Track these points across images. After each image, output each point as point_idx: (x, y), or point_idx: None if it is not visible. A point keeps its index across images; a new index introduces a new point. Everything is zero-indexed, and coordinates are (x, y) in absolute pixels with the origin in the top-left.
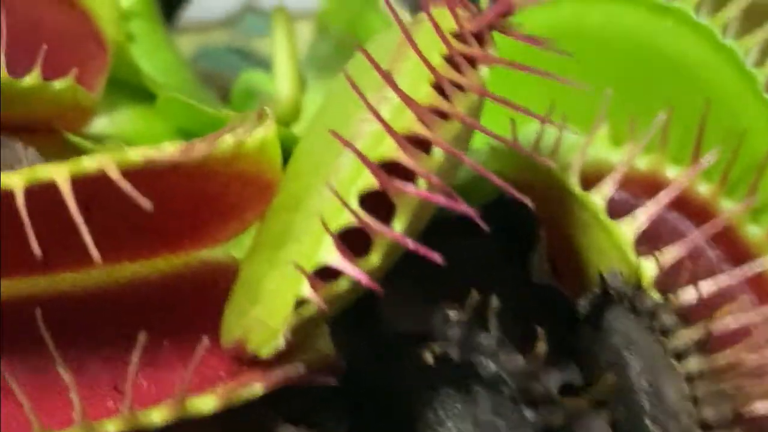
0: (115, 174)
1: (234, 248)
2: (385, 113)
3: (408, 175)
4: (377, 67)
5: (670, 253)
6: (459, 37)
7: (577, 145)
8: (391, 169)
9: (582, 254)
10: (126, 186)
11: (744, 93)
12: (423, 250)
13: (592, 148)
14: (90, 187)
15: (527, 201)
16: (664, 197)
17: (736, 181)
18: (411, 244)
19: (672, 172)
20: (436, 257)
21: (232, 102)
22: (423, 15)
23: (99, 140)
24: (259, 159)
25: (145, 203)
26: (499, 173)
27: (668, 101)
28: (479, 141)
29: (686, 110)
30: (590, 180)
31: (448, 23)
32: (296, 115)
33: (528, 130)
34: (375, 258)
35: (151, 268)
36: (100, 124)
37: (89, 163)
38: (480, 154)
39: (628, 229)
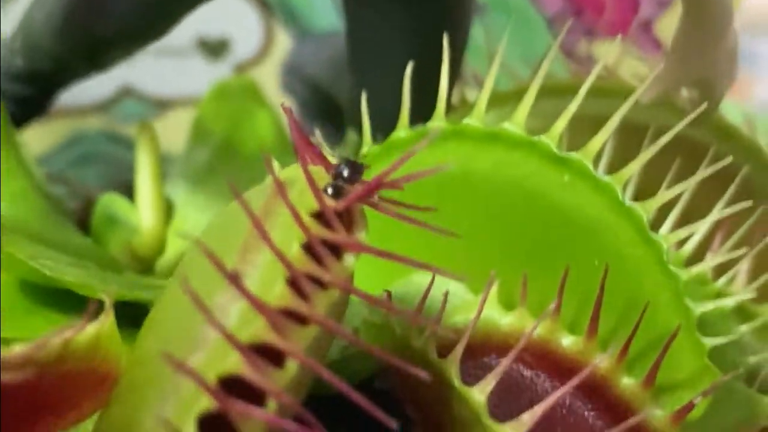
0: None
1: None
2: (233, 318)
3: None
4: (220, 268)
5: None
6: (321, 218)
7: (464, 307)
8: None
9: None
10: None
11: (647, 261)
12: None
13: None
14: None
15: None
16: (553, 398)
17: (636, 357)
18: None
19: (567, 342)
20: None
21: (92, 227)
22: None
23: None
24: (92, 355)
25: None
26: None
27: (564, 259)
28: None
29: (583, 271)
30: (475, 346)
31: (307, 202)
32: (159, 249)
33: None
34: None
35: None
36: None
37: None
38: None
39: None
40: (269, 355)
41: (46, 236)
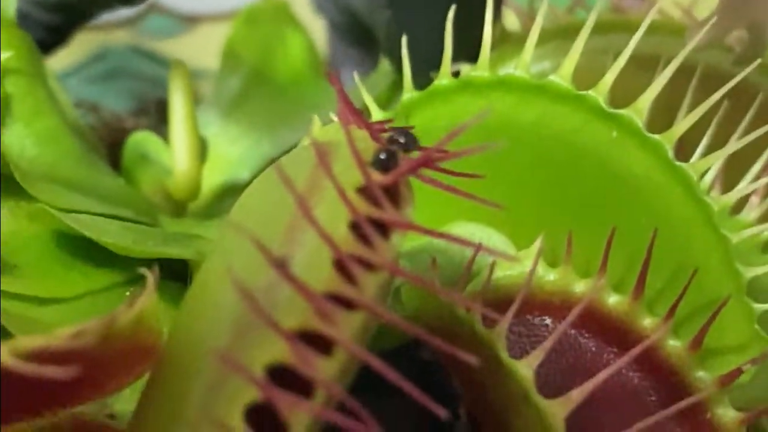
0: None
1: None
2: (279, 305)
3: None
4: (267, 255)
5: None
6: (367, 192)
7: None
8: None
9: (509, 427)
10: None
11: (696, 223)
12: None
13: (526, 263)
14: None
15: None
16: (604, 374)
17: (683, 320)
18: None
19: (612, 301)
20: None
21: (123, 165)
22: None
23: None
24: (134, 335)
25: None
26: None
27: (610, 218)
28: None
29: (629, 231)
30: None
31: (353, 176)
32: (194, 192)
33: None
34: None
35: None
36: None
37: None
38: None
39: (561, 410)
40: (317, 341)
41: (79, 180)
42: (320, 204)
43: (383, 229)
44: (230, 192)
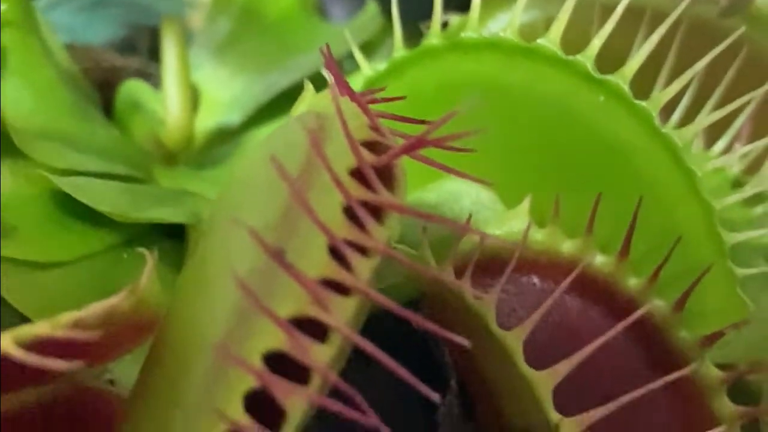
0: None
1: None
2: (275, 292)
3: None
4: (264, 245)
5: (595, 415)
6: (359, 175)
7: (496, 220)
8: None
9: (500, 401)
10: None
11: (681, 189)
12: None
13: (514, 222)
14: None
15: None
16: (591, 347)
17: (667, 282)
18: None
19: (598, 261)
20: None
21: (116, 113)
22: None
23: None
24: (134, 315)
25: None
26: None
27: (597, 181)
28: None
29: (616, 195)
30: (506, 261)
31: (346, 158)
32: (187, 143)
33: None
34: None
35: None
36: None
37: None
38: None
39: (548, 382)
40: (312, 327)
41: (75, 134)
42: (314, 187)
43: (377, 211)
44: (221, 136)
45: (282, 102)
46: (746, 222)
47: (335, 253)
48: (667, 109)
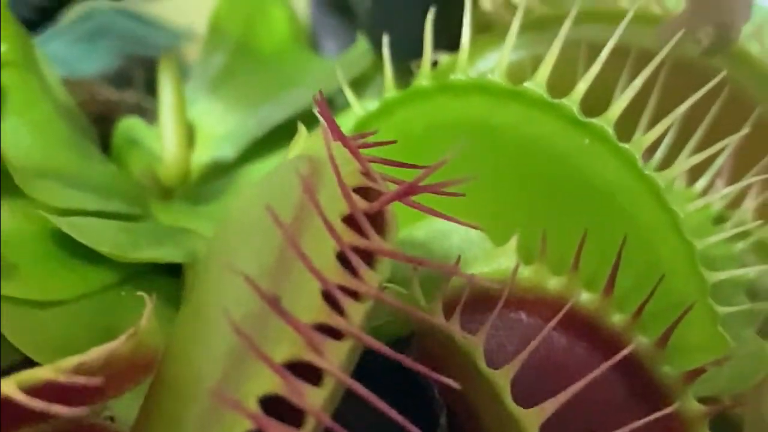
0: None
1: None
2: (270, 336)
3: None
4: (260, 293)
5: None
6: (351, 220)
7: (484, 258)
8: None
9: (486, 426)
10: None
11: (664, 229)
12: None
13: (502, 260)
14: None
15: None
16: (576, 386)
17: (650, 319)
18: None
19: (584, 298)
20: None
21: (112, 150)
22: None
23: None
24: (134, 357)
25: None
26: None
27: (582, 220)
28: None
29: (601, 234)
30: (494, 298)
31: (339, 204)
32: (183, 178)
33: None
34: None
35: None
36: None
37: None
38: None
39: (535, 419)
40: (306, 370)
41: (73, 171)
42: (307, 232)
43: (368, 256)
44: (216, 171)
45: (276, 136)
46: (728, 259)
47: (328, 297)
48: (650, 148)
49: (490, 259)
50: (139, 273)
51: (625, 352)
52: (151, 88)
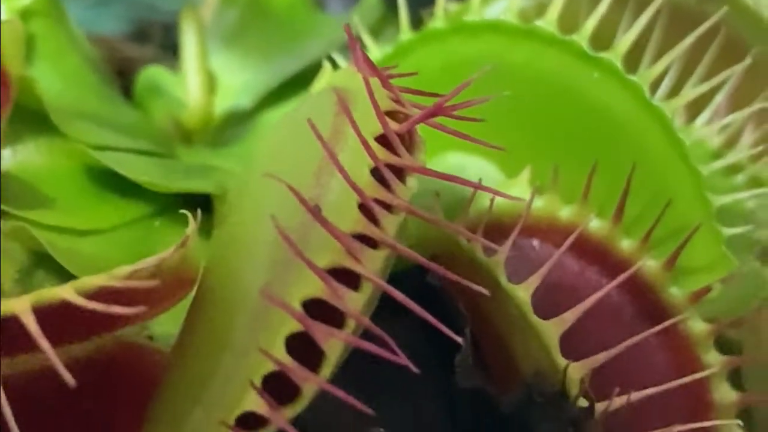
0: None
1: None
2: (312, 244)
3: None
4: (303, 202)
5: (598, 360)
6: (384, 140)
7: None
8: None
9: (510, 349)
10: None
11: (671, 157)
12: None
13: (515, 191)
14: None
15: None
16: (593, 298)
17: (658, 243)
18: (341, 393)
19: (594, 225)
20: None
21: (135, 97)
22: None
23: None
24: (178, 271)
25: None
26: (421, 244)
27: (592, 151)
28: None
29: (610, 164)
30: (507, 227)
31: (371, 125)
32: (206, 123)
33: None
34: (300, 405)
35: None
36: (3, 156)
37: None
38: None
39: (555, 330)
40: (345, 277)
41: (102, 115)
42: (343, 151)
43: (399, 172)
44: (234, 118)
45: (289, 87)
46: (728, 189)
47: (364, 209)
48: (652, 89)
49: (503, 190)
50: (170, 205)
51: (631, 271)
52: (167, 49)
